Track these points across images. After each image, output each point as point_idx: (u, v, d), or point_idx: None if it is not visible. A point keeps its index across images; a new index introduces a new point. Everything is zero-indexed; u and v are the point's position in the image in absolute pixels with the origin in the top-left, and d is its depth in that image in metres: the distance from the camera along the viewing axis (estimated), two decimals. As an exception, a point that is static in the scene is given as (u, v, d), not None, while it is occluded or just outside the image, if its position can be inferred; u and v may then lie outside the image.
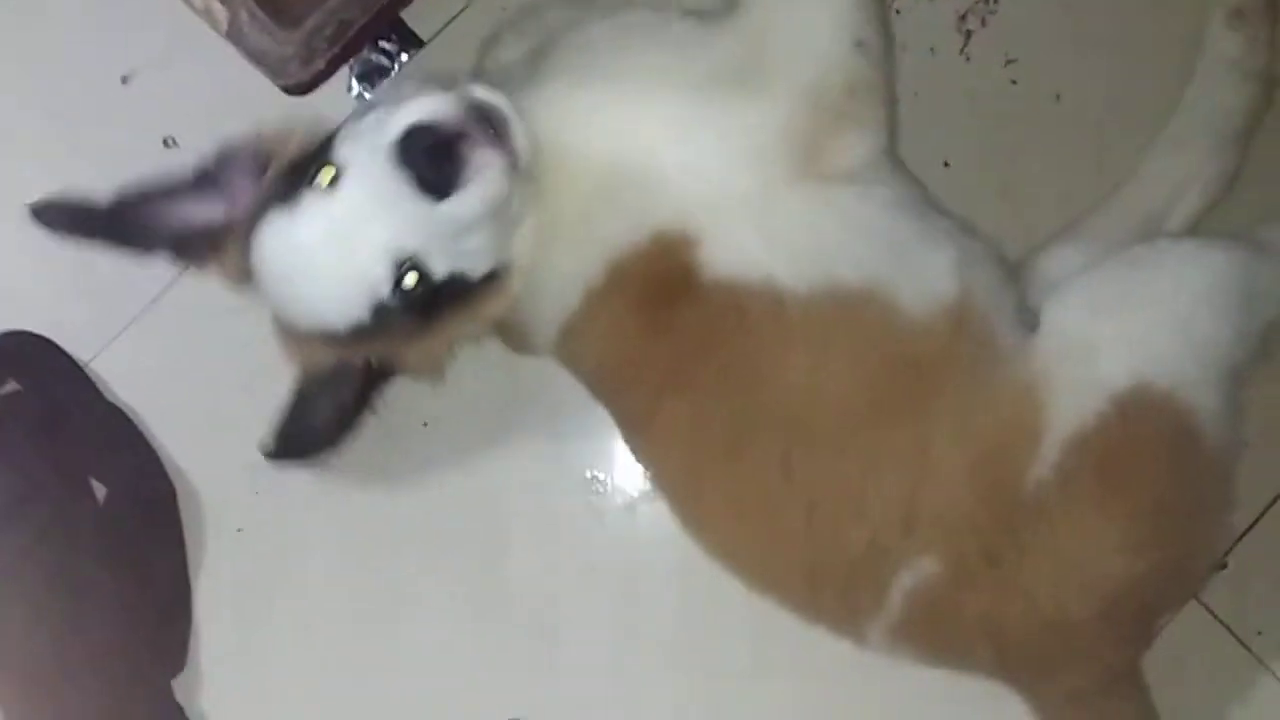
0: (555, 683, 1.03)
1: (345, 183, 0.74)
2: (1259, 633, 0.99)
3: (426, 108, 0.72)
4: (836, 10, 0.81)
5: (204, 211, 0.82)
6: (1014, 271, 0.89)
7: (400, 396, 0.91)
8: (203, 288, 0.96)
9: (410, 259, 0.75)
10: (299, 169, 0.77)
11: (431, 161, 0.72)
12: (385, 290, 0.75)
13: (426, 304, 0.77)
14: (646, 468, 0.93)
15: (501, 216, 0.76)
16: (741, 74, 0.80)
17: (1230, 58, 0.93)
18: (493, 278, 0.80)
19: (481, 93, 0.75)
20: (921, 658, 0.86)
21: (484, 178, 0.72)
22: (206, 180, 0.82)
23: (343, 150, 0.75)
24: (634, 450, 0.90)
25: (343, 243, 0.75)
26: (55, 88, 1.06)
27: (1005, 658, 0.82)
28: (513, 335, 0.89)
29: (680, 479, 0.88)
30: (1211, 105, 0.93)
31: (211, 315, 0.99)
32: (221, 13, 0.87)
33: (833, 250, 0.79)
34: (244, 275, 0.80)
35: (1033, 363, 0.80)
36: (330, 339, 0.79)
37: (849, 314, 0.79)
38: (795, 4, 0.81)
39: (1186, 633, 0.97)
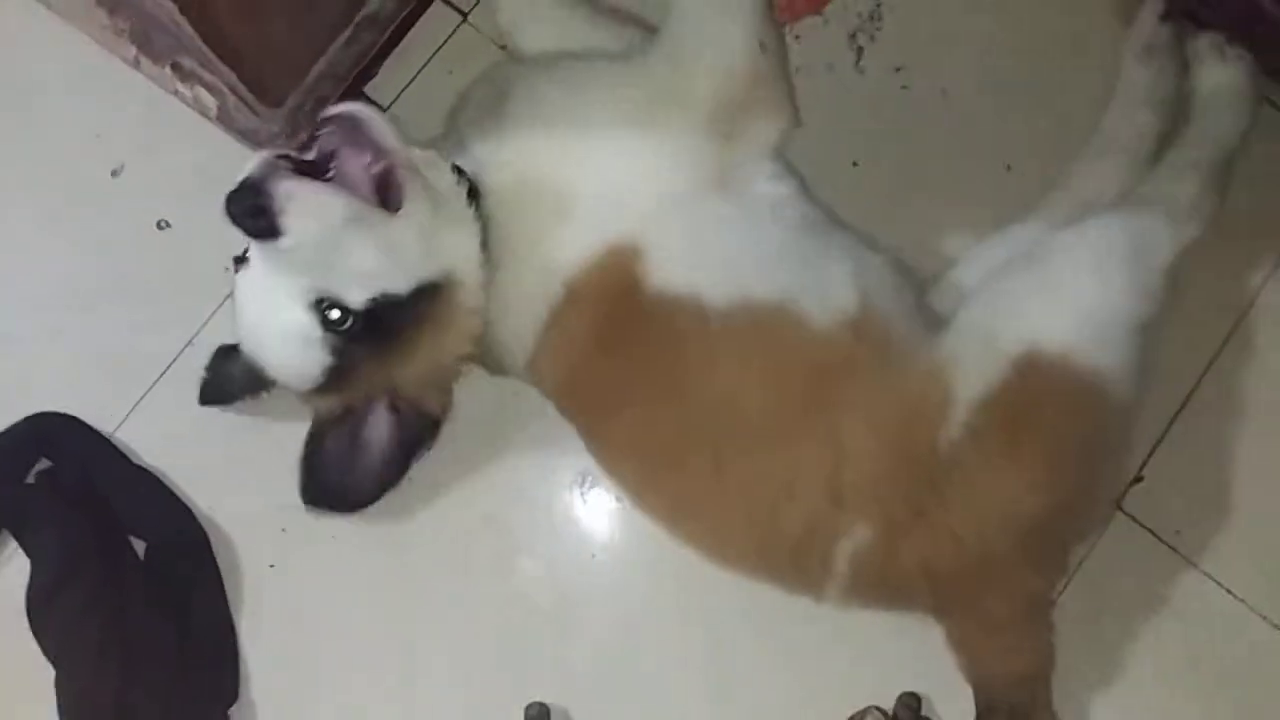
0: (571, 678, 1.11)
1: (249, 259, 0.87)
2: (1177, 531, 1.11)
3: (245, 169, 0.82)
4: (743, 20, 0.93)
5: None
6: (912, 275, 1.01)
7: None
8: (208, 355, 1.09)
9: (322, 297, 0.84)
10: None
11: (247, 211, 0.80)
12: (318, 332, 0.85)
13: (373, 330, 0.86)
14: (609, 477, 1.03)
15: (370, 228, 0.84)
16: (665, 90, 0.92)
17: (1142, 88, 1.07)
18: (430, 290, 0.88)
19: (332, 110, 0.84)
20: (873, 605, 0.97)
21: (296, 202, 0.80)
22: None
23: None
24: (598, 462, 1.01)
25: (263, 308, 0.87)
26: (48, 186, 1.15)
27: (941, 594, 0.93)
28: (490, 358, 0.99)
29: (636, 485, 0.99)
30: (1127, 131, 1.07)
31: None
32: (210, 100, 0.98)
33: (747, 267, 0.91)
34: None
35: (939, 351, 0.91)
36: (317, 388, 0.90)
37: (762, 325, 0.89)
38: (707, 20, 0.94)
39: (1115, 540, 1.10)
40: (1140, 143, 1.07)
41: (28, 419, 1.06)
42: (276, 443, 1.03)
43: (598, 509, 1.13)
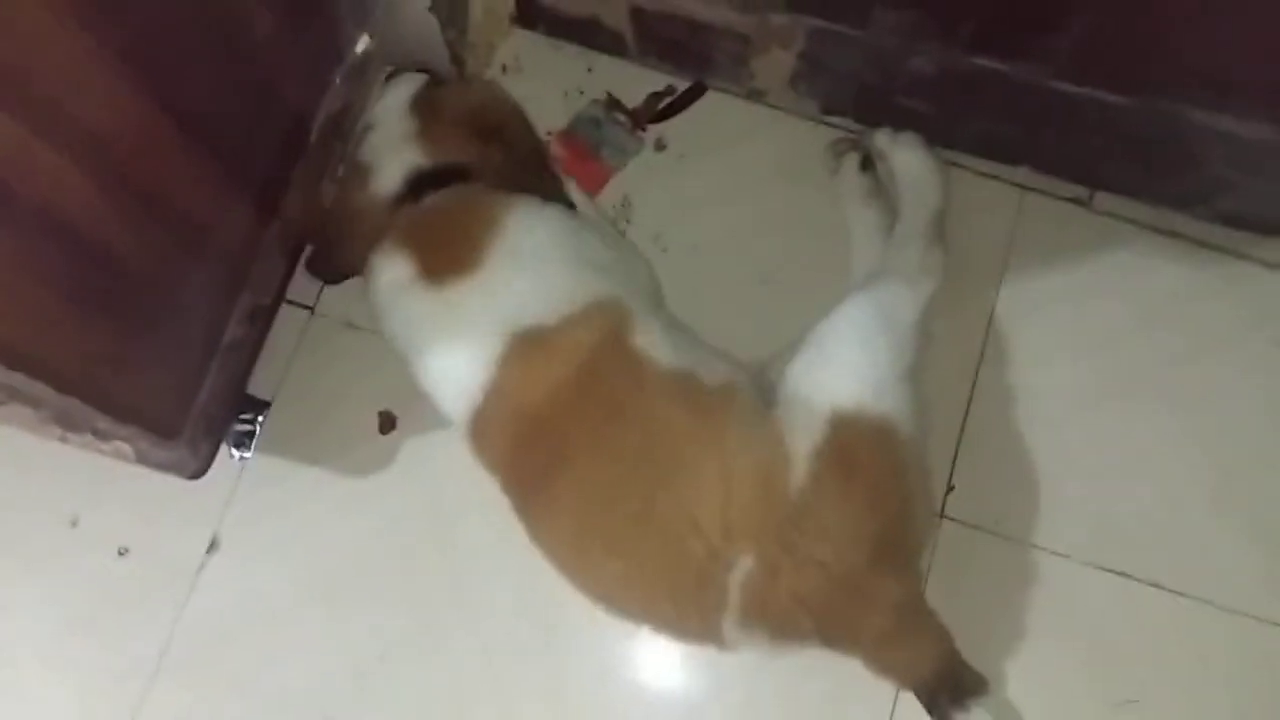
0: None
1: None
2: (998, 521, 1.32)
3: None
4: None
5: None
6: (759, 373, 1.24)
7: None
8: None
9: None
10: None
11: None
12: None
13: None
14: (538, 540, 1.15)
15: None
16: None
17: (869, 222, 1.35)
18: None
19: None
20: (769, 641, 1.08)
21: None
22: None
23: None
24: (529, 527, 1.15)
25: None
26: (14, 550, 1.36)
27: (822, 622, 1.07)
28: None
29: (570, 541, 1.13)
30: (868, 227, 1.35)
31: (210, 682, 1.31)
32: (127, 449, 1.20)
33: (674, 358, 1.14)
34: None
35: (775, 422, 1.11)
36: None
37: (677, 389, 1.12)
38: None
39: (949, 546, 1.30)
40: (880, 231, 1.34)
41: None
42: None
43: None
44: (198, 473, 1.28)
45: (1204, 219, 1.41)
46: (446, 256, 1.17)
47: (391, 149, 1.28)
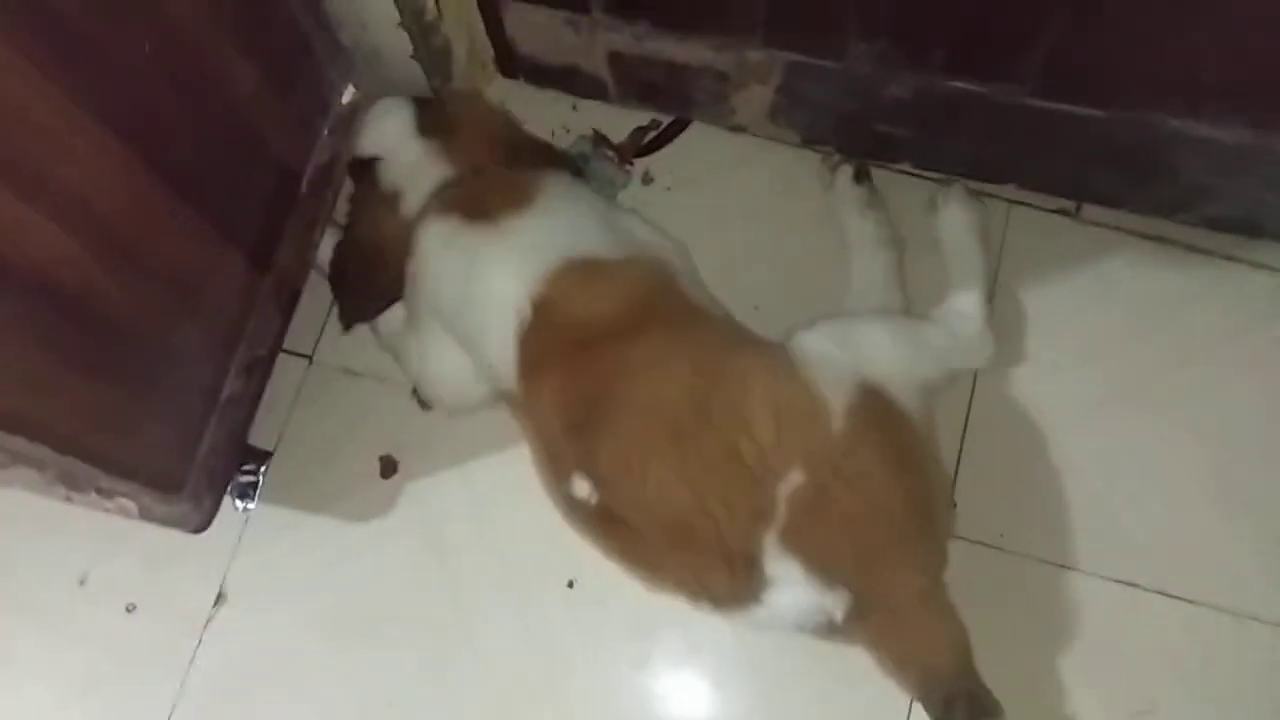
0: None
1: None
2: (1001, 535, 1.32)
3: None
4: None
5: None
6: None
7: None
8: None
9: None
10: None
11: None
12: None
13: None
14: (586, 460, 1.12)
15: None
16: None
17: (868, 236, 1.37)
18: None
19: None
20: (802, 574, 1.05)
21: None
22: None
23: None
24: (575, 447, 1.12)
25: None
26: (23, 610, 1.37)
27: (859, 559, 1.06)
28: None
29: (622, 451, 1.10)
30: (874, 271, 1.36)
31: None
32: (131, 506, 1.21)
33: None
34: None
35: (807, 372, 1.10)
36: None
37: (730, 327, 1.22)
38: None
39: (957, 564, 1.23)
40: (889, 274, 1.36)
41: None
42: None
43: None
44: (202, 526, 1.29)
45: (1191, 224, 1.41)
46: (498, 199, 1.21)
47: (419, 171, 1.31)
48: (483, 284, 1.18)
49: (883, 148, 1.41)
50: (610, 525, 1.13)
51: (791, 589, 1.07)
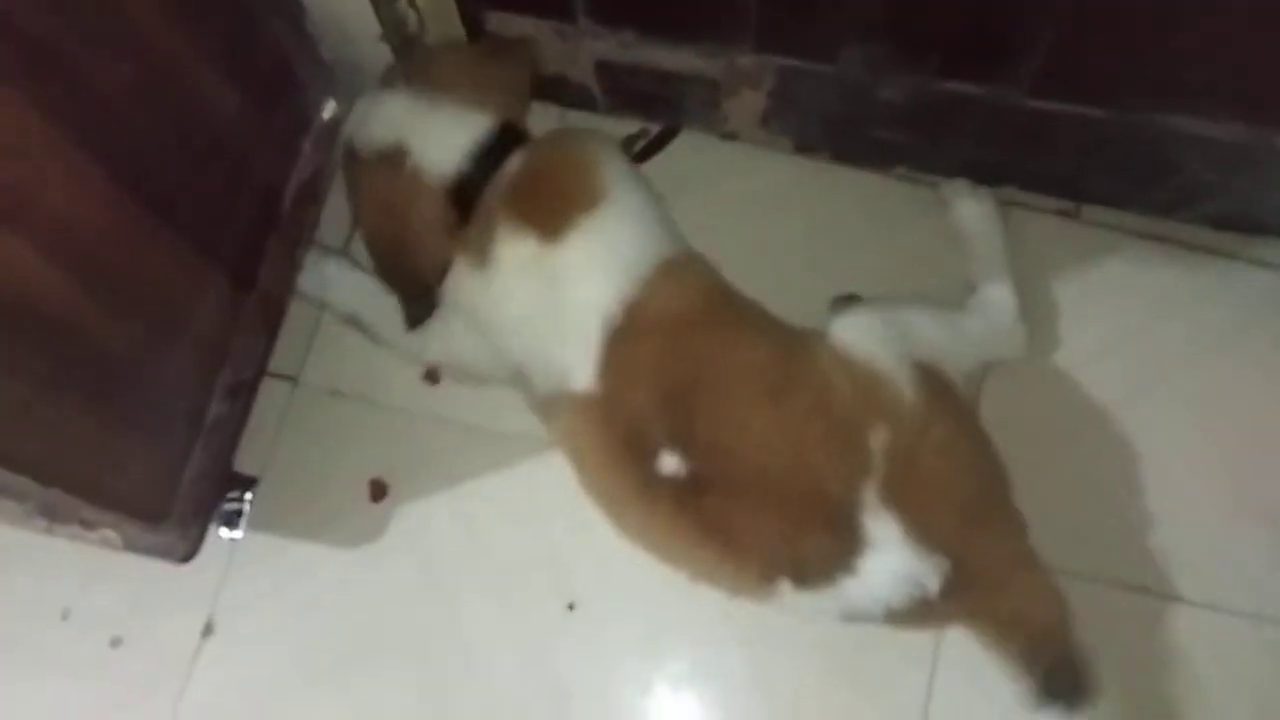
0: None
1: None
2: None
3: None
4: None
5: None
6: None
7: None
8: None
9: None
10: None
11: None
12: None
13: None
14: (681, 433, 1.10)
15: None
16: None
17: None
18: None
19: None
20: (908, 523, 1.05)
21: None
22: None
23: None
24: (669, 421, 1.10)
25: None
26: (5, 647, 1.32)
27: (957, 516, 1.07)
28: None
29: (724, 417, 1.10)
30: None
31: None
32: (114, 537, 1.18)
33: None
34: None
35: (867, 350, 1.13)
36: None
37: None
38: None
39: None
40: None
41: None
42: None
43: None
44: (188, 556, 1.26)
45: (1192, 222, 1.40)
46: (567, 202, 1.16)
47: (445, 137, 1.21)
48: (565, 298, 1.15)
49: (878, 152, 1.39)
50: (694, 502, 1.09)
51: (888, 553, 1.05)
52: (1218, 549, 1.29)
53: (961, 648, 1.18)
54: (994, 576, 1.09)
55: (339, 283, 1.37)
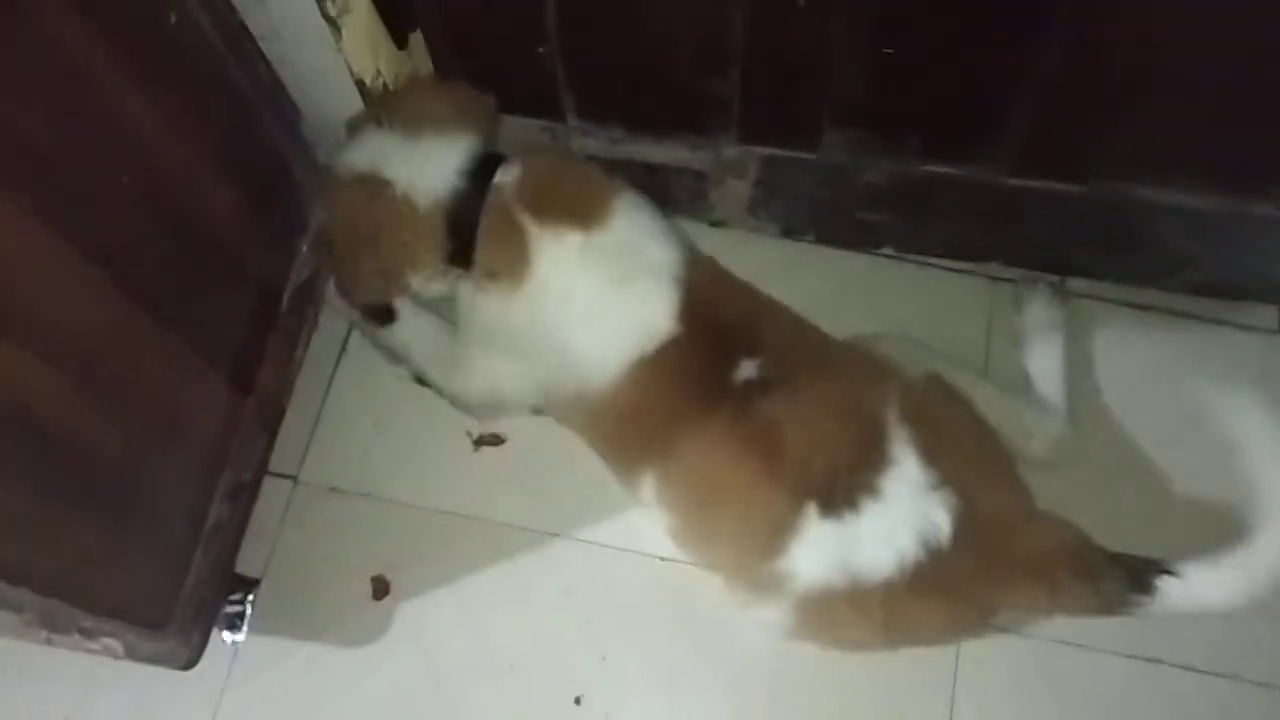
0: None
1: None
2: (1016, 620, 1.30)
3: None
4: None
5: None
6: None
7: None
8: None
9: None
10: None
11: None
12: None
13: None
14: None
15: None
16: None
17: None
18: None
19: None
20: (922, 450, 1.10)
21: None
22: None
23: None
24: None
25: None
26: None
27: (964, 459, 1.12)
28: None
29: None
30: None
31: None
32: (115, 645, 1.17)
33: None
34: None
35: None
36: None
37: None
38: None
39: (975, 653, 1.27)
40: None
41: None
42: None
43: None
44: (190, 662, 1.24)
45: (1176, 290, 1.42)
46: (596, 192, 1.22)
47: (427, 163, 1.22)
48: (637, 266, 1.20)
49: (864, 233, 1.42)
50: (755, 405, 1.14)
51: (905, 477, 1.10)
52: (1227, 618, 1.26)
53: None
54: (1002, 523, 1.12)
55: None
